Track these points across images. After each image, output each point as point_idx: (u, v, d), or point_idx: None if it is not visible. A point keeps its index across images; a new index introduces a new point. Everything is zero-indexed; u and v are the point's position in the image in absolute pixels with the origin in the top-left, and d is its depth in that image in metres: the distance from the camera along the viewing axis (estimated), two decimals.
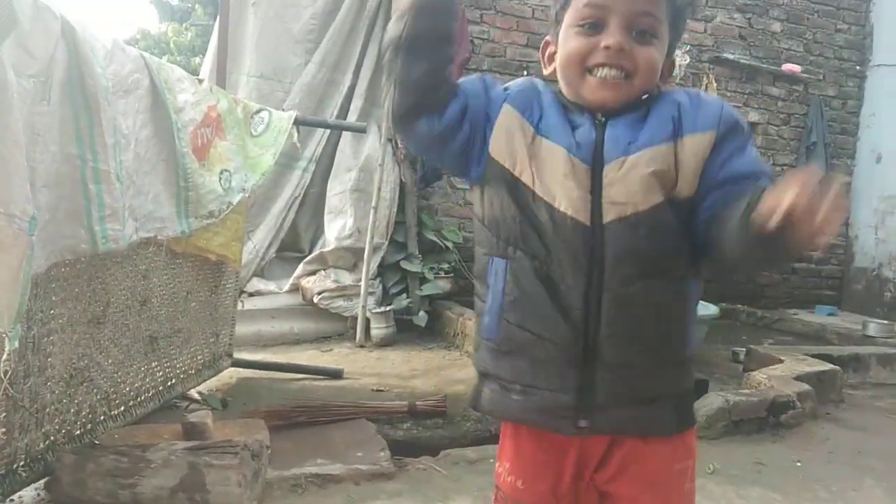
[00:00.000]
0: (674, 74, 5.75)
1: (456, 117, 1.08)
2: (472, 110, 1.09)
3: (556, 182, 1.03)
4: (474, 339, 1.16)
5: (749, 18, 6.13)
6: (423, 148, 1.17)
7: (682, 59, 5.81)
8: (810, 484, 2.60)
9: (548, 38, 1.14)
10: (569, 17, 1.06)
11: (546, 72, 1.14)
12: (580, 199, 1.02)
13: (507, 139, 1.07)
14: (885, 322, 5.38)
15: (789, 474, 2.69)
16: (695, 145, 1.03)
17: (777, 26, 6.22)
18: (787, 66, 6.14)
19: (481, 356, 1.13)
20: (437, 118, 1.08)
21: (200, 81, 2.80)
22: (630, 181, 1.01)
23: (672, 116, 1.04)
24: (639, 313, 1.03)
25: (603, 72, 1.03)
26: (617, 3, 1.01)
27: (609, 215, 1.02)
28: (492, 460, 2.59)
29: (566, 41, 1.06)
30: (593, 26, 1.03)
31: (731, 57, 5.98)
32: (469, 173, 1.14)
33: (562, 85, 1.10)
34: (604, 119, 1.05)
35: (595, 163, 1.03)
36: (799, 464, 2.80)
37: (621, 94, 1.04)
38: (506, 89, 1.12)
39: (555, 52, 1.11)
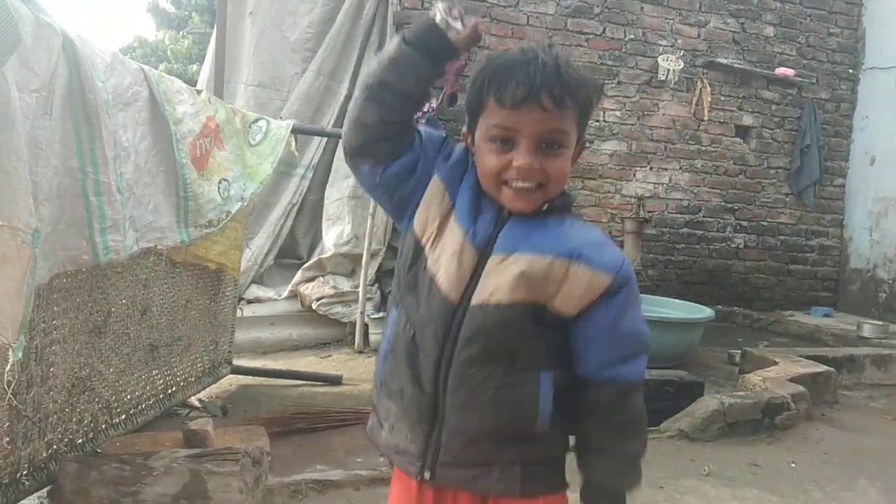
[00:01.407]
0: (667, 79, 5.80)
1: (399, 174, 1.14)
2: (420, 172, 1.15)
3: (445, 258, 1.11)
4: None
5: (742, 23, 6.17)
6: (367, 188, 1.21)
7: (675, 64, 5.86)
8: (805, 485, 2.63)
9: (464, 129, 1.18)
10: (481, 130, 1.11)
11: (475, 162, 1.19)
12: (457, 279, 1.10)
13: (426, 208, 1.14)
14: (880, 323, 5.41)
15: (784, 475, 2.72)
16: (588, 279, 1.09)
17: (770, 30, 6.26)
18: (781, 70, 6.18)
19: (373, 387, 1.25)
20: (379, 169, 1.14)
21: (199, 92, 2.84)
22: (503, 275, 1.08)
23: (573, 246, 1.10)
24: (479, 392, 1.10)
25: (517, 184, 1.08)
26: (523, 126, 1.06)
27: (476, 299, 1.09)
28: None
29: (482, 154, 1.11)
30: (504, 142, 1.07)
31: (724, 61, 6.03)
32: (400, 223, 1.21)
33: (483, 187, 1.14)
34: (507, 216, 1.12)
35: (485, 251, 1.10)
36: (794, 465, 2.83)
37: (536, 202, 1.10)
38: (447, 156, 1.17)
39: (470, 144, 1.16)
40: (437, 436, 1.13)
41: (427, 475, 1.14)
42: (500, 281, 1.08)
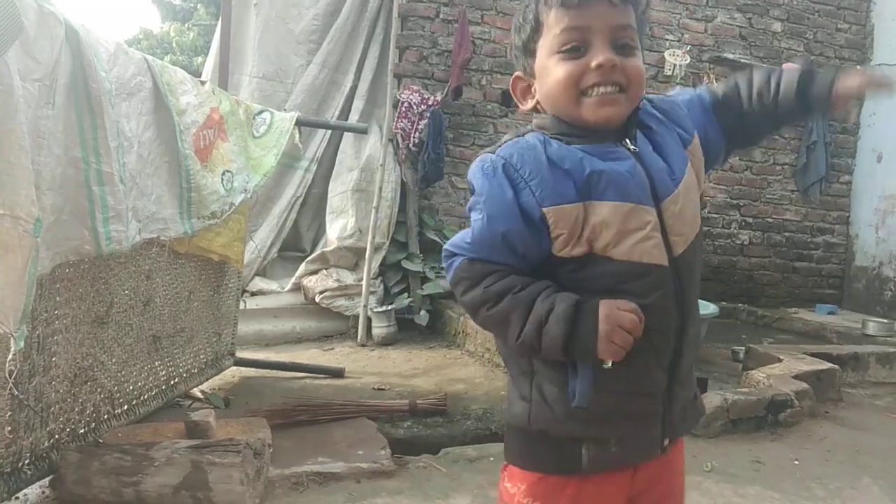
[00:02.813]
0: (674, 74, 5.77)
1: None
2: (537, 253, 1.03)
3: (635, 237, 1.00)
4: (544, 408, 1.06)
5: (750, 18, 6.13)
6: None
7: (682, 59, 5.82)
8: (808, 482, 2.62)
9: (518, 73, 1.12)
10: (546, 46, 1.04)
11: (525, 107, 1.12)
12: (656, 247, 1.02)
13: (570, 234, 1.00)
14: (885, 321, 5.38)
15: (787, 473, 2.71)
16: (695, 152, 1.11)
17: (778, 26, 6.22)
18: (788, 66, 6.13)
19: (568, 426, 1.05)
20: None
21: (203, 83, 2.83)
22: (685, 213, 1.05)
23: (678, 135, 1.10)
24: (697, 323, 1.11)
25: (599, 90, 1.01)
26: (596, 22, 1.00)
27: (677, 248, 1.04)
28: (492, 458, 2.63)
29: (551, 70, 1.03)
30: (576, 49, 1.01)
31: (731, 57, 5.99)
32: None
33: (555, 114, 1.06)
34: (635, 148, 1.04)
35: (655, 199, 1.03)
36: (797, 462, 2.81)
37: (622, 109, 1.03)
38: (527, 184, 1.01)
39: (529, 87, 1.10)
40: (670, 398, 1.07)
41: (666, 442, 1.11)
42: (685, 220, 1.05)
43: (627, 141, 1.04)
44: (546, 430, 1.06)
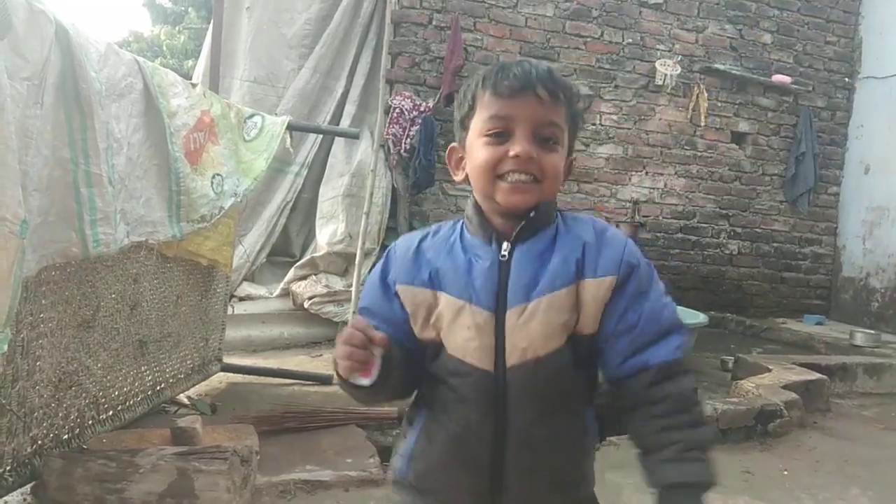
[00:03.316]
0: (665, 84, 5.80)
1: (414, 361, 1.10)
2: (409, 334, 1.10)
3: (462, 336, 1.06)
4: (390, 473, 1.20)
5: (740, 29, 6.18)
6: None
7: (673, 69, 5.85)
8: (797, 492, 2.62)
9: (454, 144, 1.16)
10: (475, 128, 1.09)
11: (457, 178, 1.16)
12: (483, 349, 1.05)
13: (419, 315, 1.09)
14: (872, 332, 5.42)
15: (776, 483, 2.71)
16: (595, 289, 1.06)
17: (768, 37, 6.27)
18: (778, 77, 6.19)
19: (396, 490, 1.18)
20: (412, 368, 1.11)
21: (194, 86, 2.81)
22: (531, 328, 1.04)
23: (576, 259, 1.07)
24: (542, 450, 1.07)
25: (514, 177, 1.05)
26: (521, 114, 1.05)
27: (511, 360, 1.04)
28: None
29: (476, 151, 1.08)
30: (500, 135, 1.06)
31: (721, 67, 6.03)
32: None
33: (475, 192, 1.12)
34: (507, 253, 1.07)
35: (498, 306, 1.05)
36: (786, 472, 2.81)
37: (533, 197, 1.06)
38: (386, 271, 1.14)
39: (462, 159, 1.14)
40: None
41: None
42: (529, 335, 1.04)
43: (504, 245, 1.07)
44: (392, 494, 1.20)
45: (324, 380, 3.75)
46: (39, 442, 2.15)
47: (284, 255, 5.24)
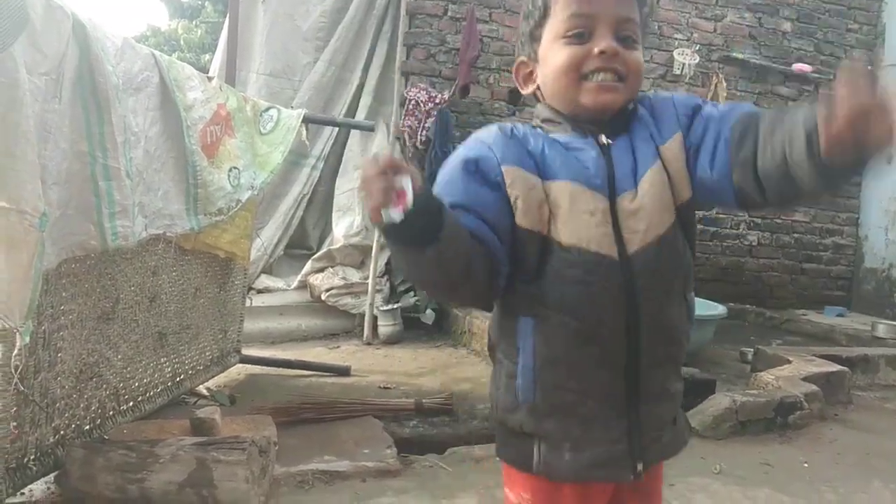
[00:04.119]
0: (683, 73, 5.74)
1: (505, 259, 1.01)
2: (498, 221, 1.00)
3: (583, 220, 1.01)
4: (503, 398, 1.09)
5: (759, 18, 6.10)
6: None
7: (691, 58, 5.79)
8: (817, 485, 2.59)
9: (522, 58, 1.13)
10: (551, 31, 1.06)
11: (525, 92, 1.13)
12: (605, 236, 1.01)
13: (525, 199, 1.01)
14: (895, 323, 5.35)
15: (796, 475, 2.68)
16: (671, 152, 1.05)
17: (788, 26, 6.18)
18: (798, 66, 6.10)
19: (519, 418, 1.07)
20: (501, 269, 1.01)
21: (210, 79, 2.82)
22: (646, 208, 1.02)
23: (650, 134, 1.06)
24: (668, 335, 1.05)
25: (599, 76, 1.03)
26: (602, 11, 1.03)
27: (632, 245, 1.01)
28: (498, 459, 2.61)
29: (554, 54, 1.05)
30: (580, 35, 1.03)
31: (740, 56, 5.95)
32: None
33: (553, 99, 1.08)
34: (608, 142, 1.05)
35: (611, 192, 1.02)
36: (806, 465, 2.79)
37: (620, 98, 1.04)
38: (482, 159, 1.03)
39: (531, 72, 1.11)
40: (636, 415, 1.04)
41: (640, 466, 1.05)
42: (647, 216, 1.02)
43: (602, 137, 1.05)
44: (504, 421, 1.10)
45: (341, 371, 3.77)
46: (62, 432, 2.18)
47: (301, 248, 5.26)
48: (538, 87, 1.10)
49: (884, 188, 6.31)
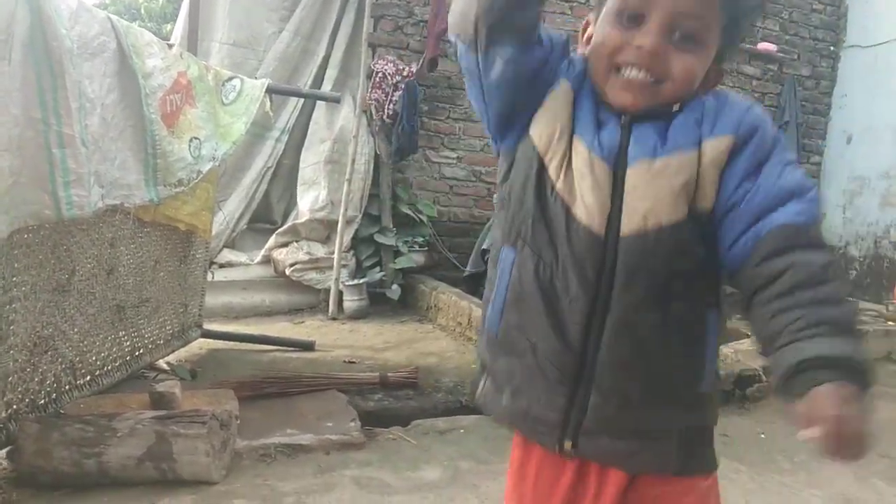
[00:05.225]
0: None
1: (534, 68, 0.95)
2: (546, 73, 0.96)
3: (576, 181, 0.93)
4: (479, 325, 1.07)
5: None
6: (495, 82, 0.97)
7: None
8: (774, 455, 2.66)
9: (590, 16, 1.03)
10: (611, 2, 0.95)
11: (580, 51, 1.04)
12: (597, 206, 0.91)
13: (550, 119, 0.96)
14: (851, 300, 5.47)
15: (754, 446, 2.74)
16: (712, 151, 0.91)
17: None
18: (763, 45, 6.16)
19: (482, 346, 1.06)
20: (522, 54, 0.94)
21: (170, 46, 2.74)
22: (657, 188, 0.90)
23: (696, 119, 0.93)
24: (645, 342, 0.93)
25: (630, 72, 0.92)
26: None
27: (628, 227, 0.91)
28: (462, 430, 2.62)
29: (599, 30, 0.96)
30: (632, 18, 0.91)
31: None
32: (503, 138, 1.03)
33: (591, 75, 0.99)
34: (629, 121, 0.95)
35: (618, 166, 0.93)
36: (763, 436, 2.85)
37: (645, 100, 0.93)
38: (571, 61, 1.00)
39: (590, 35, 1.01)
40: (584, 398, 0.95)
41: (568, 445, 0.97)
42: (655, 195, 0.89)
43: (623, 118, 0.95)
44: (479, 354, 1.08)
45: (306, 346, 3.75)
46: (14, 407, 2.13)
47: (265, 222, 5.19)
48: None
49: (843, 168, 6.44)
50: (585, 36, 1.03)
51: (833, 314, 0.80)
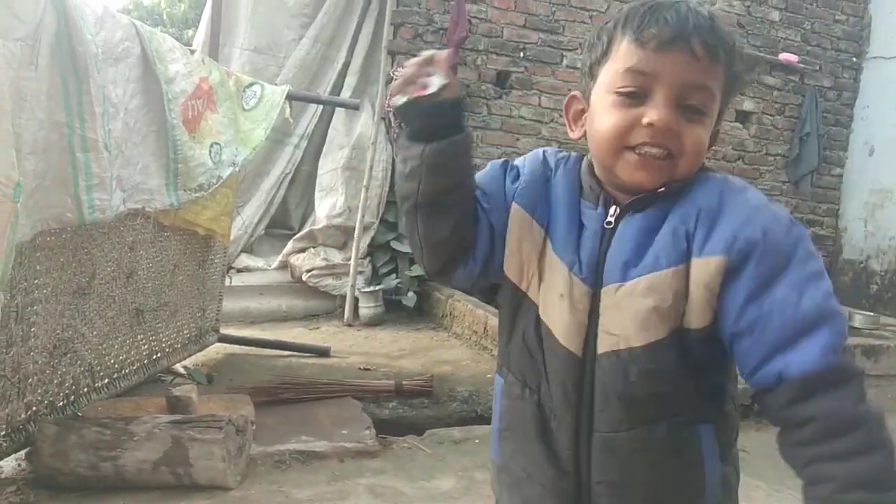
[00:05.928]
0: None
1: (487, 247, 0.95)
2: (497, 225, 0.95)
3: (554, 302, 0.91)
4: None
5: (748, 6, 6.09)
6: (466, 285, 1.03)
7: None
8: (792, 472, 2.61)
9: (575, 93, 0.97)
10: (605, 79, 0.89)
11: (573, 135, 0.98)
12: (573, 326, 0.89)
13: (518, 247, 0.94)
14: (871, 314, 5.40)
15: (771, 462, 2.68)
16: (700, 273, 0.83)
17: (775, 15, 6.18)
18: (784, 56, 6.11)
19: (493, 476, 1.04)
20: (471, 260, 0.95)
21: (192, 52, 2.76)
22: (623, 312, 0.86)
23: (686, 232, 0.85)
24: (630, 463, 0.89)
25: (645, 149, 0.86)
26: (666, 72, 0.84)
27: (602, 347, 0.88)
28: (477, 440, 2.61)
29: (601, 111, 0.89)
30: (635, 95, 0.86)
31: None
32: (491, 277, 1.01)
33: (593, 160, 0.94)
34: (613, 220, 0.90)
35: (597, 281, 0.89)
36: None
37: (662, 177, 0.87)
38: (516, 177, 0.97)
39: (583, 111, 0.95)
40: None
41: None
42: (622, 318, 0.86)
43: (612, 209, 0.90)
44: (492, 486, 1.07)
45: (321, 352, 3.75)
46: (34, 408, 2.14)
47: (283, 228, 5.21)
48: (585, 133, 0.96)
49: (865, 180, 6.37)
50: (573, 114, 0.98)
51: (859, 471, 0.77)
